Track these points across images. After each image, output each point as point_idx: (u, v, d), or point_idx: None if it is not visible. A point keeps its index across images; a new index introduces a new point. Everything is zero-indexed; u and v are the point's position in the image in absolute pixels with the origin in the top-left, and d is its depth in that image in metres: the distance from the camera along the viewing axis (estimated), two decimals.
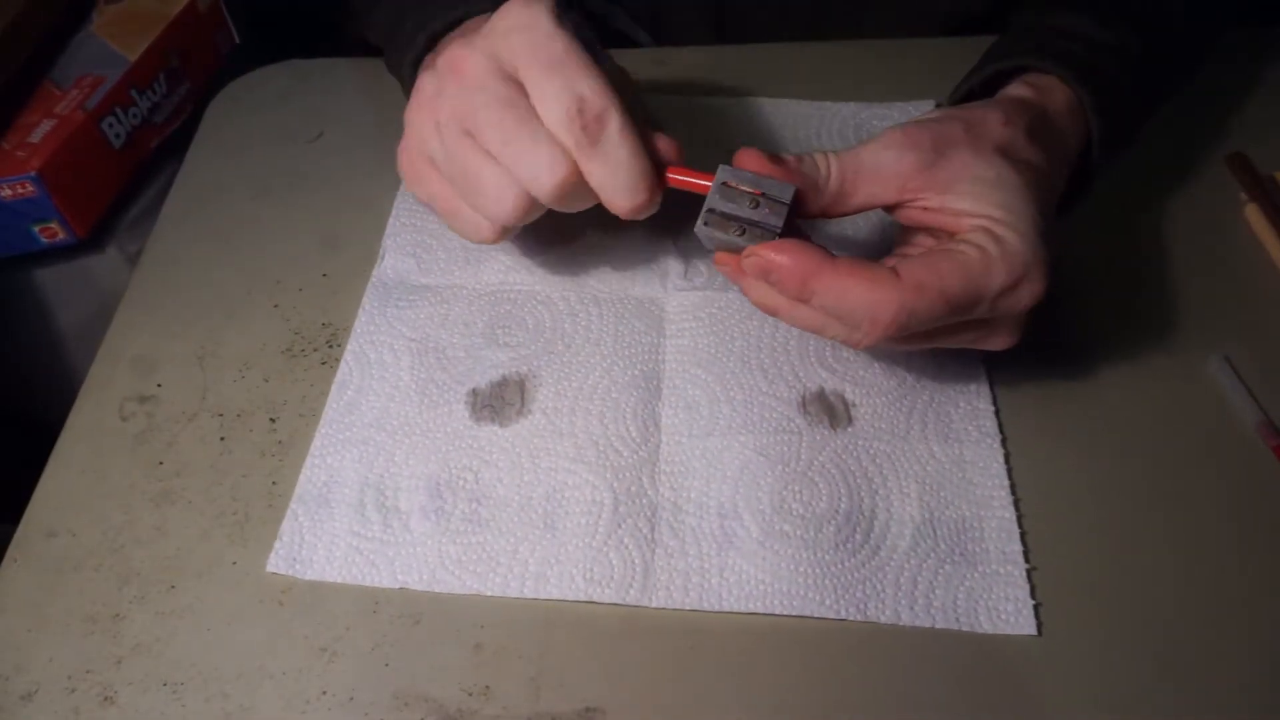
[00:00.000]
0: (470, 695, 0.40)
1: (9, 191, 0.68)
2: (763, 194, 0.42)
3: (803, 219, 0.44)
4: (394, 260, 0.56)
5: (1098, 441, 0.48)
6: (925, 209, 0.43)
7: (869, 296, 0.40)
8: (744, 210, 0.42)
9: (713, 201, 0.43)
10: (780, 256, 0.41)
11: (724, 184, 0.43)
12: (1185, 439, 0.48)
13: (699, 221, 0.43)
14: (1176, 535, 0.44)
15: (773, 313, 0.45)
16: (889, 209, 0.45)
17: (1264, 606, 0.42)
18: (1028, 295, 0.41)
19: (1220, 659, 0.41)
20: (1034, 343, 0.48)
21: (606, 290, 0.54)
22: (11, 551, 0.46)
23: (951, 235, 0.43)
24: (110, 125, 0.74)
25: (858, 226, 0.57)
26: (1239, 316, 0.52)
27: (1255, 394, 0.48)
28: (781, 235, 0.42)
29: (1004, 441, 0.47)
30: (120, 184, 0.77)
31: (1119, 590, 0.43)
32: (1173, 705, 0.40)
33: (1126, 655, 0.41)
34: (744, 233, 0.42)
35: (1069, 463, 0.47)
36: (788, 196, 0.42)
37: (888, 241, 0.53)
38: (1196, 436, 0.48)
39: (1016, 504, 0.45)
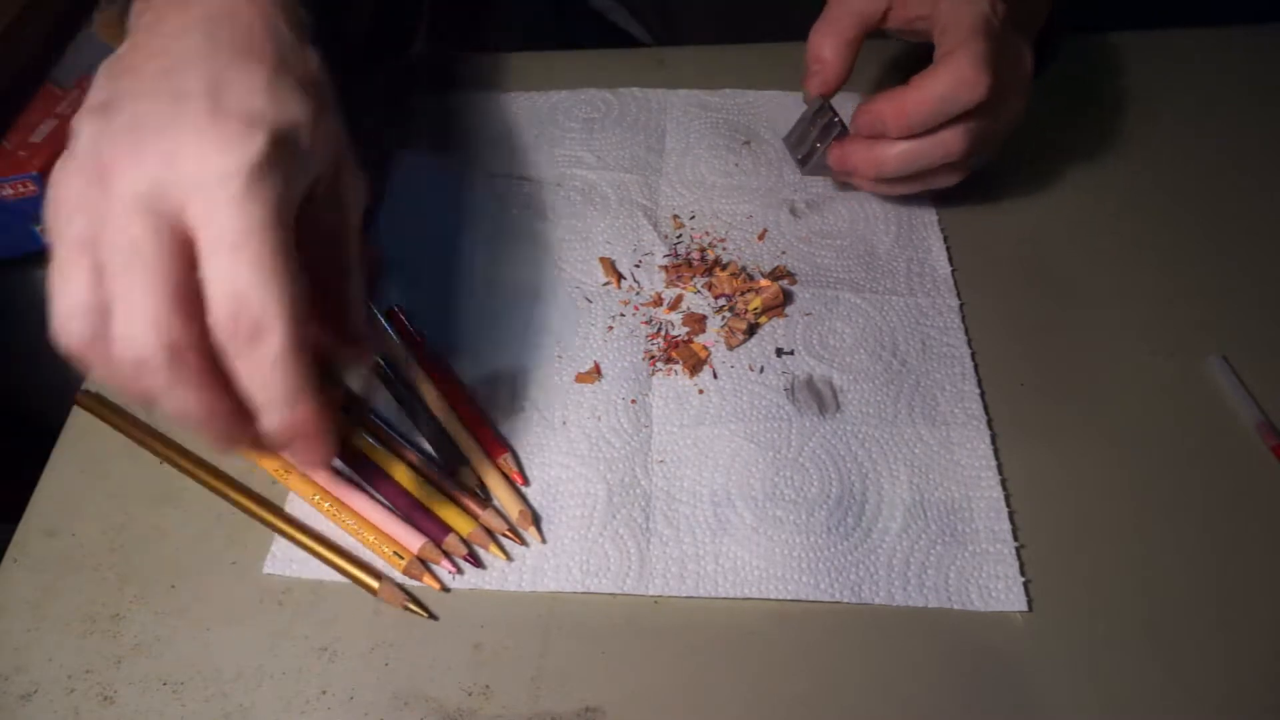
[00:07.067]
0: (470, 695, 0.37)
1: (11, 191, 0.64)
2: (811, 119, 0.52)
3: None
4: None
5: (1093, 437, 0.45)
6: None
7: (952, 73, 0.44)
8: (810, 136, 0.52)
9: (794, 153, 0.54)
10: (874, 106, 0.46)
11: (788, 139, 0.55)
12: (1185, 438, 0.45)
13: (802, 171, 0.55)
14: (1173, 531, 0.42)
15: (907, 165, 0.47)
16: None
17: (1261, 600, 0.40)
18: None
19: (1212, 644, 0.39)
20: (1030, 339, 0.46)
21: (593, 284, 0.51)
22: (11, 551, 0.43)
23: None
24: None
25: (839, 215, 0.54)
26: (1239, 316, 0.49)
27: (1255, 394, 0.45)
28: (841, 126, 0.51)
29: (990, 423, 0.45)
30: None
31: (1110, 572, 0.41)
32: (1162, 679, 0.38)
33: (1116, 631, 0.39)
34: (822, 142, 0.52)
35: (1064, 457, 0.44)
36: (819, 103, 0.52)
37: (859, 229, 0.53)
38: (1196, 436, 0.45)
39: (1005, 485, 0.43)
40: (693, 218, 0.54)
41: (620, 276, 0.51)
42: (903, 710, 0.37)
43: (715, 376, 0.47)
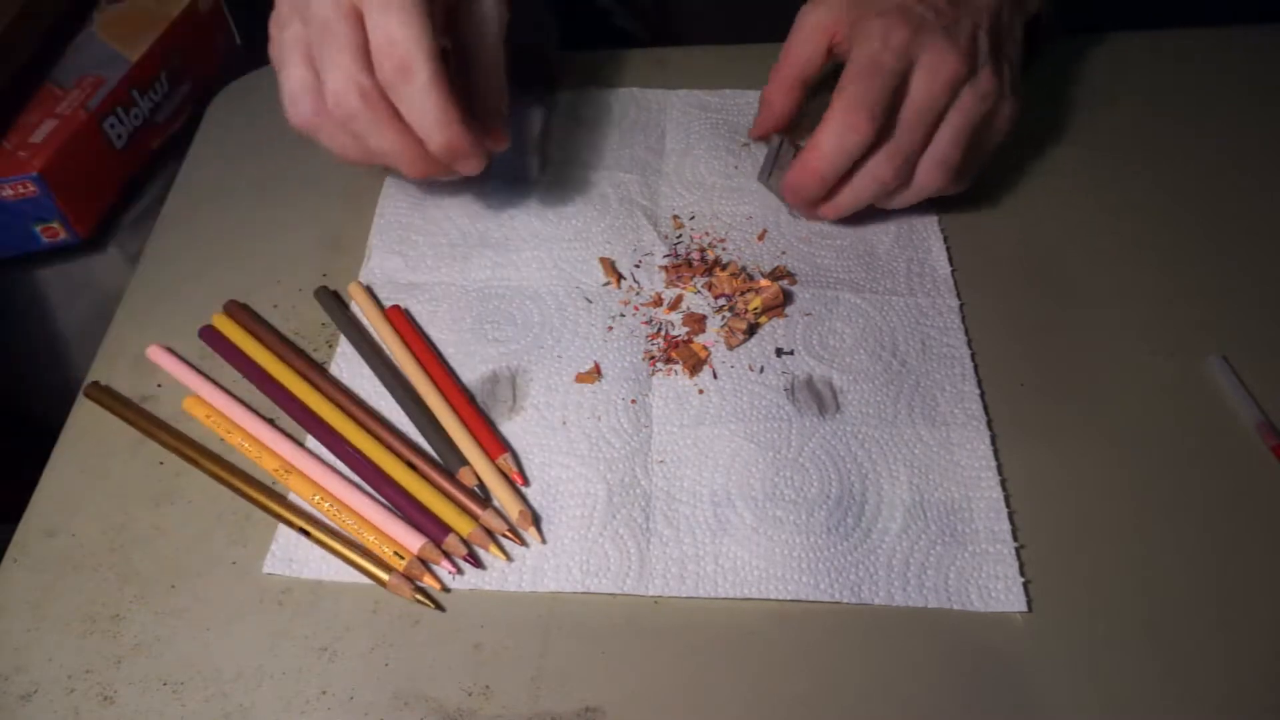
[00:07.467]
0: (470, 695, 0.37)
1: (11, 191, 0.64)
2: (775, 160, 0.53)
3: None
4: (381, 259, 0.53)
5: (1093, 437, 0.45)
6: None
7: (833, 121, 0.45)
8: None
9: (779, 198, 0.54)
10: (791, 179, 0.49)
11: (763, 179, 0.55)
12: (1185, 438, 0.45)
13: (795, 215, 0.54)
14: (1173, 531, 0.42)
15: (855, 205, 0.50)
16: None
17: (1261, 600, 0.40)
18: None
19: (1212, 644, 0.38)
20: (1030, 339, 0.46)
21: (593, 284, 0.51)
22: (11, 551, 0.43)
23: None
24: (112, 125, 0.70)
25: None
26: (1239, 316, 0.49)
27: (1255, 394, 0.45)
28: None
29: (990, 424, 0.45)
30: (121, 184, 0.72)
31: (1109, 572, 0.40)
32: (1162, 679, 0.38)
33: (1116, 631, 0.39)
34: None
35: (1064, 457, 0.44)
36: (777, 140, 0.52)
37: (859, 229, 0.53)
38: (1196, 436, 0.45)
39: (1004, 485, 0.43)
40: (693, 218, 0.54)
41: (620, 276, 0.51)
42: (903, 710, 0.37)
43: (715, 376, 0.47)
